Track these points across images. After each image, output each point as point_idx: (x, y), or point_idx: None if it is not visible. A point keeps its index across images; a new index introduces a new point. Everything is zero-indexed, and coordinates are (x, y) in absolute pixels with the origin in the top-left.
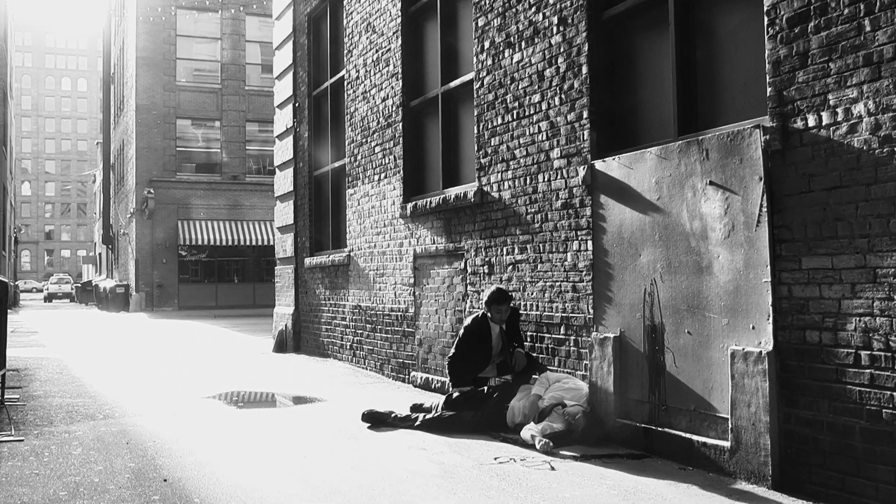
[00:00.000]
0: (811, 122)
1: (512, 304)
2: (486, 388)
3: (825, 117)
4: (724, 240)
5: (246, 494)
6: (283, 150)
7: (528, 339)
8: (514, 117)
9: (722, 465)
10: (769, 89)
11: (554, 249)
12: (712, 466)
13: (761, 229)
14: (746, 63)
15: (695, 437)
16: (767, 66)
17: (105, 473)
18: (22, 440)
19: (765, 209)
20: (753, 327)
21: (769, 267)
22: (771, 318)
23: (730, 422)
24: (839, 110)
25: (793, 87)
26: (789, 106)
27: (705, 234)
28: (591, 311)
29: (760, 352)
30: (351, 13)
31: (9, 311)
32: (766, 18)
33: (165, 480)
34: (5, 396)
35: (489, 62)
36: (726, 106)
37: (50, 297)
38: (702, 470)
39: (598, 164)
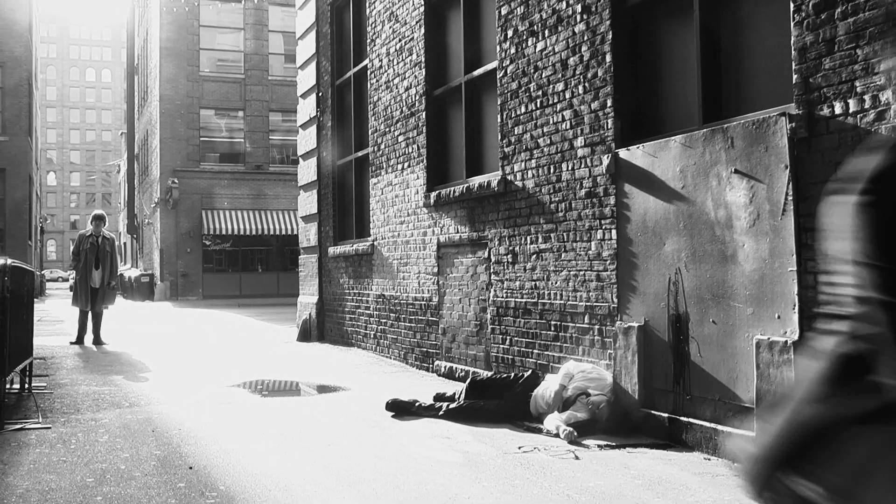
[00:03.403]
0: (838, 109)
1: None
2: (510, 376)
3: (852, 104)
4: (749, 228)
5: (270, 482)
6: (306, 140)
7: (552, 328)
8: (538, 106)
9: None
10: (795, 76)
11: (578, 238)
12: (737, 456)
13: (787, 218)
14: (772, 50)
15: (719, 427)
16: (793, 52)
17: (131, 461)
18: (49, 427)
19: (790, 197)
20: (779, 317)
21: (795, 256)
22: (797, 308)
23: (755, 412)
24: (866, 97)
25: (819, 75)
26: (815, 93)
27: (730, 222)
28: (616, 300)
29: (786, 341)
30: (374, 2)
31: (35, 300)
32: (791, 5)
33: (191, 468)
34: (33, 384)
35: (512, 51)
36: (751, 93)
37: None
38: (727, 460)
39: (623, 153)
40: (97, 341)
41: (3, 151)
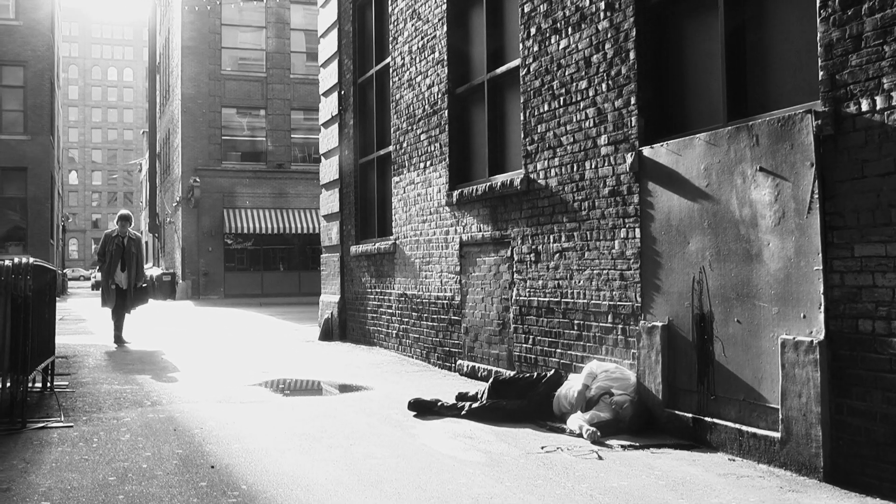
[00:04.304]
0: (864, 106)
1: None
2: (533, 375)
3: (879, 101)
4: (774, 227)
5: (292, 481)
6: (328, 138)
7: (575, 328)
8: (561, 104)
9: (772, 457)
10: (821, 73)
11: (601, 237)
12: (762, 457)
13: (812, 216)
14: (797, 47)
15: (744, 428)
16: (819, 49)
17: (153, 459)
18: (71, 426)
19: (816, 196)
20: (804, 316)
21: (821, 255)
22: (822, 307)
23: (780, 412)
24: (894, 94)
25: (845, 71)
26: (842, 90)
27: (755, 221)
28: (639, 299)
29: (812, 341)
30: (396, 0)
31: (57, 298)
32: (818, 0)
33: (213, 467)
34: (55, 383)
35: (535, 49)
36: (777, 90)
37: (97, 285)
38: (751, 461)
39: (646, 151)
40: (118, 340)
41: (24, 150)
